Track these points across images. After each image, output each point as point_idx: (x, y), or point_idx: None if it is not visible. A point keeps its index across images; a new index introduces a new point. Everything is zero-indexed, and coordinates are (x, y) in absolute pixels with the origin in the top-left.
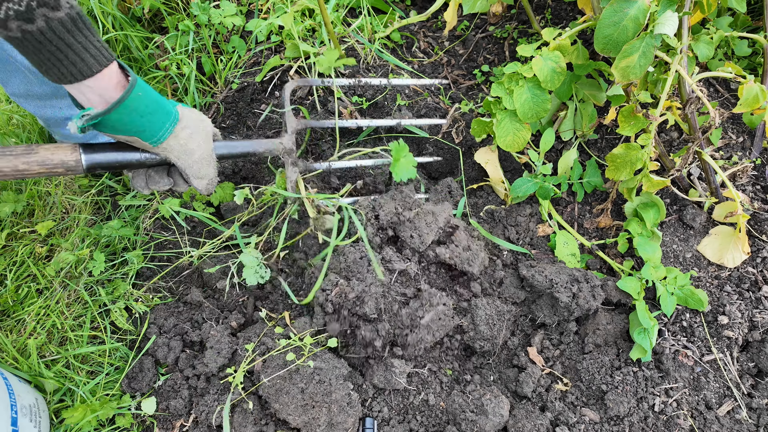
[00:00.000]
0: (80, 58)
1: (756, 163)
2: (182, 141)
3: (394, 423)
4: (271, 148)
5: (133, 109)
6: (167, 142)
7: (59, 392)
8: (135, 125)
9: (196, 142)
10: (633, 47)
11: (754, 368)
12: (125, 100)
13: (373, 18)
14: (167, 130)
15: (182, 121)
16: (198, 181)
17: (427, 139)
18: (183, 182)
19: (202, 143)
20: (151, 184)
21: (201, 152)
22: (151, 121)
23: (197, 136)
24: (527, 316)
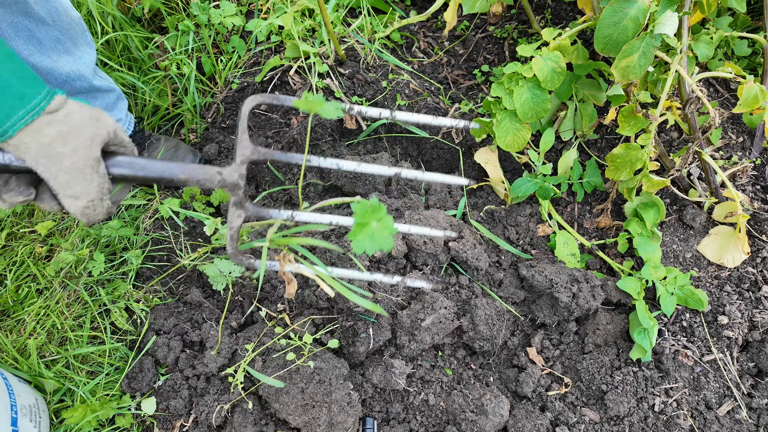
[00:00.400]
0: None
1: (756, 163)
2: (45, 139)
3: (394, 423)
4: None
5: None
6: (20, 137)
7: (59, 392)
8: None
9: (70, 146)
10: (633, 47)
11: (754, 368)
12: None
13: (373, 18)
14: (21, 120)
15: (54, 115)
16: (70, 200)
17: (428, 140)
18: (50, 198)
19: (81, 149)
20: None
21: (75, 160)
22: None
23: (74, 139)
24: (527, 316)
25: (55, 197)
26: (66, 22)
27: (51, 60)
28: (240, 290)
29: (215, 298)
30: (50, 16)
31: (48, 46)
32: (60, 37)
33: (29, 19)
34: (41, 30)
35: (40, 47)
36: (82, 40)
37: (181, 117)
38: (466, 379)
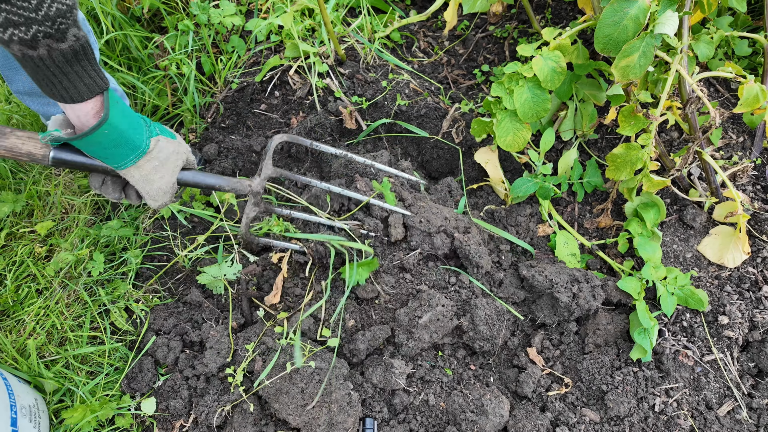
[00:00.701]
0: (73, 86)
1: (756, 163)
2: (144, 172)
3: (394, 423)
4: (237, 188)
5: (96, 142)
6: (129, 170)
7: (59, 392)
8: (97, 154)
9: (159, 174)
10: (633, 47)
11: (754, 368)
12: (89, 135)
13: (373, 18)
14: (130, 161)
15: (150, 153)
16: (152, 202)
17: (428, 139)
18: (136, 198)
19: (166, 175)
20: (104, 190)
21: (162, 183)
22: (113, 154)
23: (162, 170)
24: (527, 316)
25: (139, 197)
26: None
27: None
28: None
29: (215, 298)
30: None
31: None
32: None
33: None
34: None
35: None
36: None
37: (181, 117)
38: (466, 379)
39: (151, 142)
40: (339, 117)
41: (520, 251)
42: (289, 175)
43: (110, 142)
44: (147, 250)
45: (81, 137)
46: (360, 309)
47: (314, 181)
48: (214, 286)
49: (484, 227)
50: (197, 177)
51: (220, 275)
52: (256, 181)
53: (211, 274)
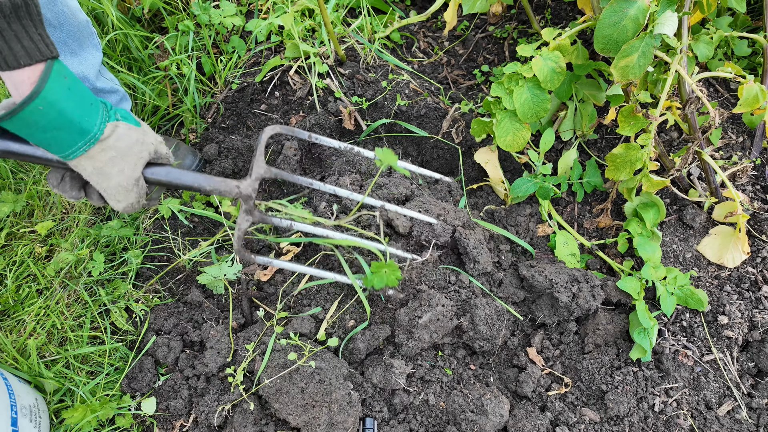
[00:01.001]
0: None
1: (756, 163)
2: (98, 164)
3: (394, 423)
4: (222, 189)
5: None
6: (79, 161)
7: (59, 392)
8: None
9: (117, 167)
10: (632, 47)
11: (754, 368)
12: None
13: (373, 18)
14: (79, 149)
15: (105, 141)
16: (114, 202)
17: (428, 139)
18: (98, 198)
19: (126, 169)
20: (61, 188)
21: (121, 179)
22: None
23: (122, 162)
24: (527, 316)
25: (102, 197)
26: (73, 25)
27: None
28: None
29: (215, 298)
30: (57, 19)
31: None
32: (66, 40)
33: None
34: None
35: None
36: (88, 43)
37: (181, 117)
38: (466, 379)
39: (107, 128)
40: (339, 117)
41: (520, 251)
42: (286, 176)
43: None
44: (147, 251)
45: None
46: (360, 309)
47: (317, 183)
48: (214, 286)
49: (484, 226)
50: (171, 174)
51: (221, 275)
52: (246, 183)
53: (212, 274)
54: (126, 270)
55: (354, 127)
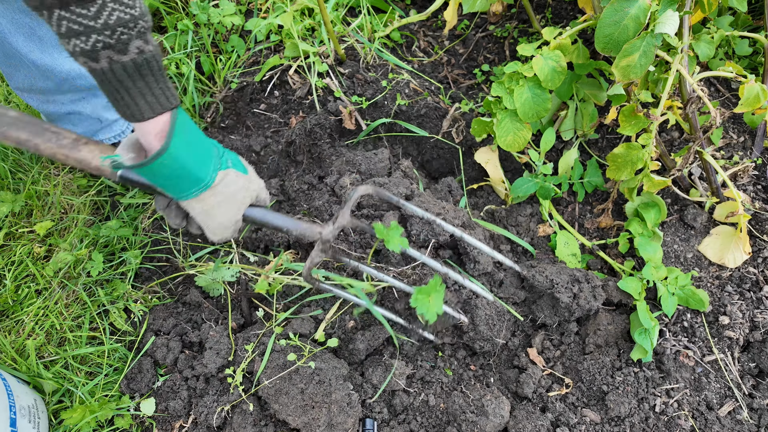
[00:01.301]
0: (134, 102)
1: (757, 163)
2: (206, 207)
3: (394, 424)
4: (307, 234)
5: (156, 172)
6: (189, 202)
7: (58, 393)
8: (157, 183)
9: (222, 210)
10: (634, 46)
11: (755, 368)
12: (146, 166)
13: (373, 17)
14: (191, 193)
15: (215, 188)
16: (211, 235)
17: (428, 139)
18: (197, 229)
19: (229, 212)
20: (167, 214)
21: (224, 219)
22: (174, 185)
23: (226, 206)
24: (528, 317)
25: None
26: None
27: (51, 57)
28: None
29: (214, 299)
30: None
31: (49, 43)
32: None
33: (30, 16)
34: (43, 28)
35: (40, 44)
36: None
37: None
38: (466, 379)
39: (218, 176)
40: (339, 117)
41: (520, 252)
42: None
43: (170, 173)
44: (146, 251)
45: (138, 166)
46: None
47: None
48: (211, 288)
49: (485, 226)
50: (266, 216)
51: (219, 277)
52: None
53: (210, 277)
54: (125, 270)
55: (354, 127)
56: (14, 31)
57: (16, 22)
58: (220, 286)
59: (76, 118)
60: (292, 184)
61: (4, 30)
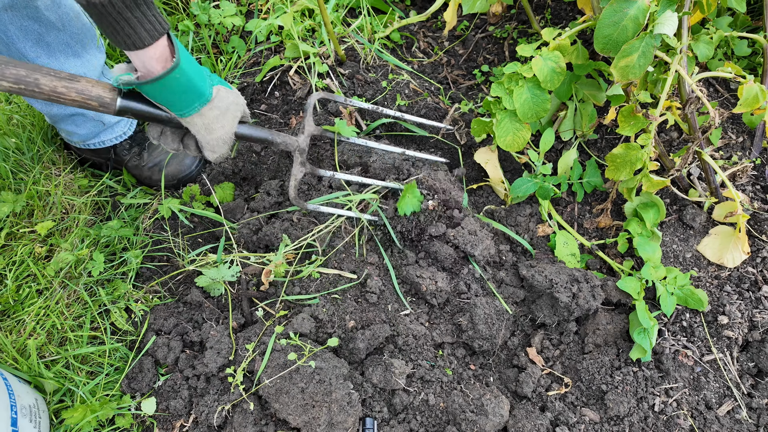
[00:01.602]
0: (134, 32)
1: (756, 163)
2: (207, 120)
3: (394, 423)
4: (287, 142)
5: (167, 87)
6: (192, 118)
7: (59, 393)
8: (165, 99)
9: (220, 123)
10: (632, 47)
11: (754, 368)
12: (161, 79)
13: (373, 18)
14: (195, 108)
15: (213, 102)
16: (210, 153)
17: (428, 139)
18: (195, 149)
19: (227, 125)
20: (162, 140)
21: (222, 133)
22: (181, 99)
23: (223, 119)
24: (527, 316)
25: (198, 148)
26: (77, 27)
27: (58, 62)
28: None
29: (215, 298)
30: (61, 21)
31: (56, 49)
32: (69, 42)
33: (39, 23)
34: (51, 34)
35: (48, 50)
36: (91, 45)
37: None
38: (466, 379)
39: (213, 91)
40: (339, 117)
41: (520, 251)
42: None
43: (179, 87)
44: (147, 251)
45: (153, 81)
46: (360, 308)
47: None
48: (212, 288)
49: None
50: (252, 130)
51: (219, 278)
52: (301, 138)
53: (210, 277)
54: (126, 270)
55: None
56: (23, 38)
57: (24, 29)
58: (220, 286)
59: (80, 119)
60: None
61: (13, 36)
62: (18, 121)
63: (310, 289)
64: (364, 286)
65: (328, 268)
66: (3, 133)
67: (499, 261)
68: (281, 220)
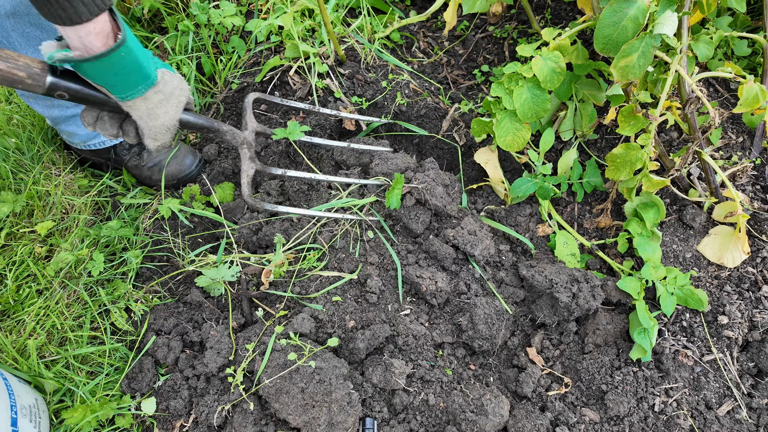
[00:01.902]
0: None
1: (756, 163)
2: (151, 105)
3: (394, 423)
4: (233, 132)
5: (110, 66)
6: (135, 102)
7: (59, 393)
8: (106, 80)
9: (164, 109)
10: (632, 47)
11: (754, 368)
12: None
13: (373, 18)
14: (139, 91)
15: (158, 85)
16: (151, 141)
17: (428, 139)
18: (135, 136)
19: (171, 111)
20: (99, 126)
21: (166, 119)
22: (124, 81)
23: (167, 104)
24: (527, 316)
25: (138, 135)
26: None
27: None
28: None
29: (215, 299)
30: None
31: None
32: None
33: (41, 30)
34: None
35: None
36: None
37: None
38: (466, 379)
39: (159, 74)
40: (339, 117)
41: (519, 251)
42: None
43: (124, 68)
44: (147, 251)
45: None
46: (360, 308)
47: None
48: (212, 288)
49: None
50: (197, 118)
51: (219, 278)
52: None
53: (210, 277)
54: (126, 270)
55: (354, 128)
56: (24, 44)
57: (26, 35)
58: (220, 286)
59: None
60: (292, 184)
61: (15, 43)
62: (18, 121)
63: (310, 289)
64: (364, 286)
65: (328, 270)
66: (3, 133)
67: (499, 261)
68: (281, 220)
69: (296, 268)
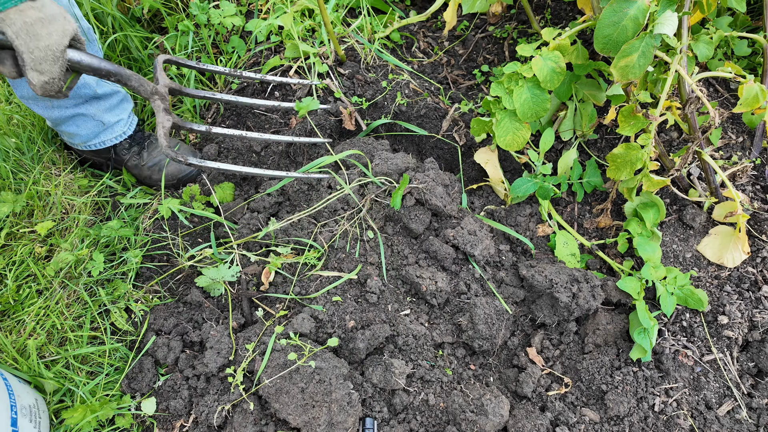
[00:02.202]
0: None
1: (756, 163)
2: (29, 19)
3: (394, 423)
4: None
5: None
6: (8, 13)
7: (59, 393)
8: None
9: (46, 30)
10: (632, 47)
11: (754, 368)
12: None
13: (373, 18)
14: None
15: (35, 2)
16: (35, 74)
17: (428, 139)
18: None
19: (54, 34)
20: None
21: (49, 41)
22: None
23: (50, 26)
24: (527, 316)
25: (16, 66)
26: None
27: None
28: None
29: (215, 298)
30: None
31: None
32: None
33: None
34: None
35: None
36: (89, 49)
37: (182, 117)
38: (466, 379)
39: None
40: (339, 117)
41: (519, 251)
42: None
43: None
44: (147, 251)
45: None
46: (360, 308)
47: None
48: (212, 288)
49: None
50: (93, 60)
51: (219, 278)
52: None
53: (210, 277)
54: (126, 270)
55: (354, 128)
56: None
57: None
58: (220, 286)
59: (80, 120)
60: (292, 184)
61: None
62: (18, 121)
63: (310, 289)
64: (364, 286)
65: (328, 269)
66: (3, 133)
67: (498, 261)
68: (281, 220)
69: (298, 260)
